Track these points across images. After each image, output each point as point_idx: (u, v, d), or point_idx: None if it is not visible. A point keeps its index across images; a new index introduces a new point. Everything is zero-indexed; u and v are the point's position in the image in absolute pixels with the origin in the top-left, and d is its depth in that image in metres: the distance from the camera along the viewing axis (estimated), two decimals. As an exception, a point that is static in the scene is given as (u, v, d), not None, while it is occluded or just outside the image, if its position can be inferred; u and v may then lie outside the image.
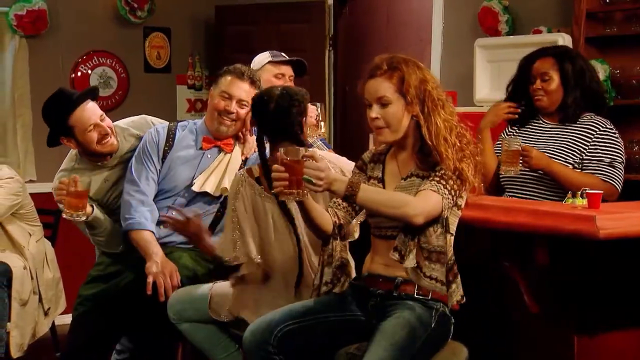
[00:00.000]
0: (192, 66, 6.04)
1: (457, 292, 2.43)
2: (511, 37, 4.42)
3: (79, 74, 5.57)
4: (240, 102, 3.18)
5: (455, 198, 2.41)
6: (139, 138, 3.38)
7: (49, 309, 4.52)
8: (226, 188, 3.16)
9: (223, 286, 2.90)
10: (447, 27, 4.93)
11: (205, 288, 2.94)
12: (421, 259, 2.40)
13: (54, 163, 5.40)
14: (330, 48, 5.62)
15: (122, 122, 3.48)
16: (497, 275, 2.64)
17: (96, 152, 3.31)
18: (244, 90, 3.18)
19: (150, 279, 2.98)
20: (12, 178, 4.44)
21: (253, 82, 3.21)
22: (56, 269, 4.63)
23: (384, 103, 2.44)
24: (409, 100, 2.42)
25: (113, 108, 5.68)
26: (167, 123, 3.41)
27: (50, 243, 4.69)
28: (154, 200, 3.24)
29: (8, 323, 4.30)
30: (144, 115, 3.52)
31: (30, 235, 4.53)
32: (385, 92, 2.43)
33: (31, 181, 5.26)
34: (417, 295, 2.43)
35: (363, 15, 6.14)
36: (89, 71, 5.60)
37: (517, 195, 3.18)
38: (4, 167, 4.53)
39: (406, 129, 2.46)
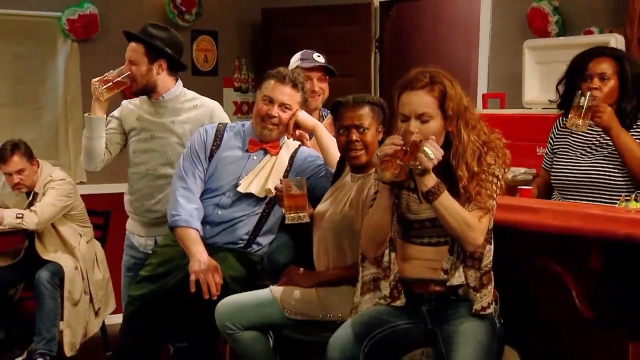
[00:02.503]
0: (238, 69, 6.09)
1: (485, 299, 2.41)
2: (561, 38, 4.36)
3: (128, 77, 5.64)
4: (282, 106, 3.19)
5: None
6: (195, 109, 3.47)
7: (99, 309, 4.60)
8: (270, 189, 3.17)
9: (282, 289, 2.90)
10: (495, 28, 4.88)
11: (261, 293, 2.92)
12: (466, 268, 2.39)
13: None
14: (377, 50, 5.61)
15: (199, 97, 3.58)
16: (549, 279, 2.60)
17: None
18: (286, 94, 3.19)
19: (193, 277, 3.00)
20: (64, 180, 4.53)
21: (295, 85, 3.22)
22: (106, 269, 4.71)
23: (424, 118, 2.39)
24: (448, 115, 2.39)
25: (161, 111, 5.75)
26: (226, 119, 3.49)
27: (100, 244, 4.77)
28: (200, 198, 3.27)
29: (60, 322, 4.39)
30: (217, 106, 3.56)
31: (81, 236, 4.61)
32: (427, 108, 2.38)
33: (82, 183, 5.35)
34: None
35: (409, 17, 6.11)
36: (138, 74, 5.67)
37: (570, 199, 3.12)
38: (56, 169, 4.63)
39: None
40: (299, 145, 3.31)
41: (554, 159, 3.24)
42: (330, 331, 2.71)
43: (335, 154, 3.13)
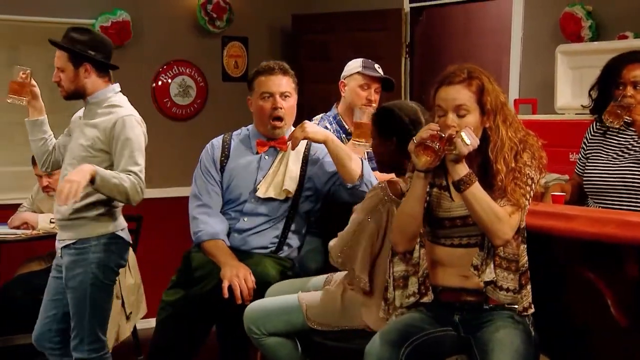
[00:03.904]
0: (268, 75, 6.11)
1: (525, 299, 2.40)
2: (595, 43, 4.32)
3: (160, 83, 5.69)
4: (282, 95, 3.19)
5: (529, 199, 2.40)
6: (106, 116, 3.37)
7: (130, 313, 4.61)
8: (288, 190, 3.16)
9: (310, 295, 2.91)
10: (527, 33, 4.85)
11: (289, 298, 2.94)
12: (496, 269, 2.37)
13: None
14: (407, 55, 5.59)
15: (123, 106, 3.45)
16: (583, 287, 2.57)
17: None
18: (282, 83, 3.19)
19: (225, 283, 3.02)
20: (96, 185, 4.57)
21: (285, 71, 3.22)
22: (137, 274, 4.73)
23: (462, 112, 2.38)
24: (486, 110, 2.39)
25: (191, 116, 5.80)
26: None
27: (131, 249, 4.79)
28: (223, 210, 3.27)
29: (93, 326, 4.41)
30: (127, 118, 3.39)
31: (113, 241, 4.63)
32: (465, 101, 2.38)
33: (113, 188, 5.39)
34: (507, 305, 2.42)
35: (440, 23, 6.09)
36: (169, 80, 5.73)
37: (602, 204, 3.10)
38: (89, 174, 4.66)
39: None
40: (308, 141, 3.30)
41: (587, 163, 3.22)
42: (359, 338, 2.71)
43: (350, 167, 3.08)
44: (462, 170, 2.32)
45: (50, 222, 4.37)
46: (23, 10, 5.14)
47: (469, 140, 2.29)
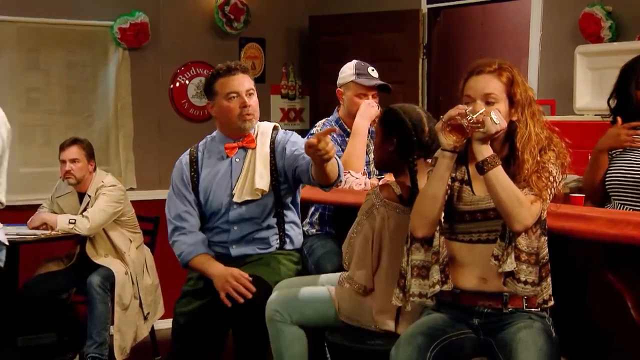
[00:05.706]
0: (285, 76, 6.12)
1: (546, 291, 2.39)
2: (615, 43, 4.29)
3: (177, 84, 5.71)
4: (247, 93, 3.18)
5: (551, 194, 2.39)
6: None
7: (148, 313, 4.64)
8: (261, 189, 3.13)
9: (339, 290, 2.89)
10: (545, 34, 4.82)
11: (318, 290, 2.91)
12: (517, 261, 2.36)
13: (154, 171, 5.60)
14: (424, 57, 5.58)
15: None
16: (603, 289, 2.55)
17: None
18: (245, 82, 3.18)
19: (222, 294, 3.01)
20: (115, 186, 4.59)
21: (245, 70, 3.21)
22: (155, 275, 4.76)
23: (490, 101, 2.39)
24: (515, 102, 2.40)
25: (209, 118, 5.80)
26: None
27: (149, 249, 4.82)
28: (211, 225, 3.25)
29: (111, 327, 4.45)
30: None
31: (131, 241, 4.66)
32: (494, 90, 2.39)
33: (131, 189, 5.42)
34: (526, 308, 2.41)
35: (458, 24, 6.08)
36: (187, 81, 5.74)
37: (623, 202, 3.07)
38: (108, 175, 4.70)
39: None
40: (274, 128, 3.27)
41: (610, 163, 3.19)
42: (379, 339, 2.70)
43: (330, 172, 2.92)
44: (487, 151, 2.34)
45: (69, 222, 4.41)
46: (42, 13, 5.18)
47: (497, 120, 2.31)
